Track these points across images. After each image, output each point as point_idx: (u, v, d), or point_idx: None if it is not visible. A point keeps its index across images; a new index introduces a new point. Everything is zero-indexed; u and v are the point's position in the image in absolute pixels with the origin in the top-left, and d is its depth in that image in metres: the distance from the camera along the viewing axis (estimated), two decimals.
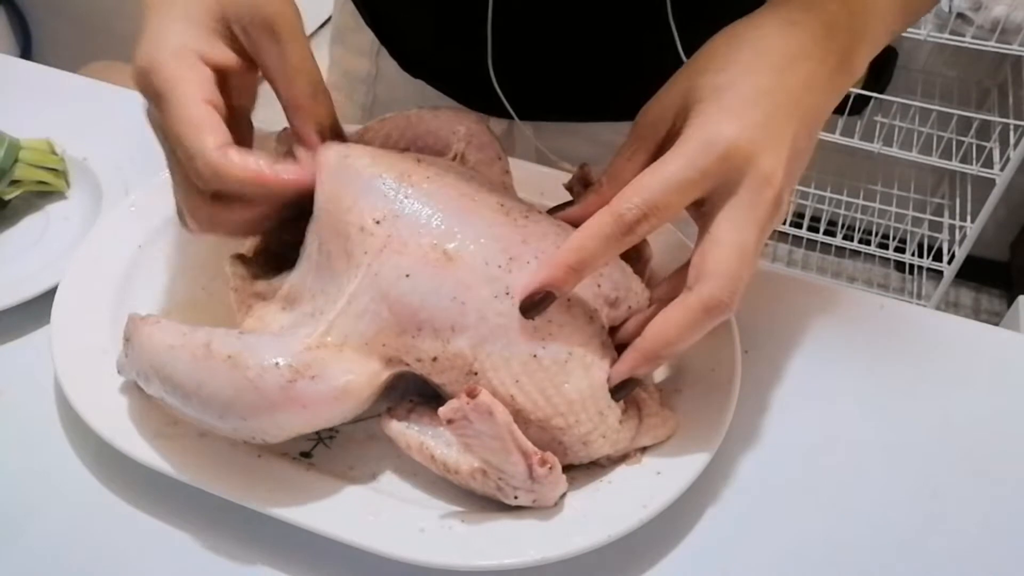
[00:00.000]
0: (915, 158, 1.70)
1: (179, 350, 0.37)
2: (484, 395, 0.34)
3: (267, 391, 0.35)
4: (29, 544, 0.39)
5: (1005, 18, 1.47)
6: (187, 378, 0.36)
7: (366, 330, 0.38)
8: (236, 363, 0.36)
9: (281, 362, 0.36)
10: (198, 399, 0.36)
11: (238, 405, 0.36)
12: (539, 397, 0.37)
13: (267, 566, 0.39)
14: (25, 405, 0.45)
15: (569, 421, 0.38)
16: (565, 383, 0.37)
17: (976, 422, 0.46)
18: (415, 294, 0.38)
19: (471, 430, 0.35)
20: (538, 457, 0.36)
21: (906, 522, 0.41)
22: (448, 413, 0.35)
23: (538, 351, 0.37)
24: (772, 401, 0.47)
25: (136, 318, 0.40)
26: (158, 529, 0.40)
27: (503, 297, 0.38)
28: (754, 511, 0.42)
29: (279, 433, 0.37)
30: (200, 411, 0.37)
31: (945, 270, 1.79)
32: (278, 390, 0.35)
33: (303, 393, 0.36)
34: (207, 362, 0.36)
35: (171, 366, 0.37)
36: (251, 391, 0.35)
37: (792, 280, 0.55)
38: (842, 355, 0.50)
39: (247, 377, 0.35)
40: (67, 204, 0.58)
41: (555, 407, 0.37)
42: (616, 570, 0.39)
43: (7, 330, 0.49)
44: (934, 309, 1.55)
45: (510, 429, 0.35)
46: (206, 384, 0.36)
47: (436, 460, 0.38)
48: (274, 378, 0.35)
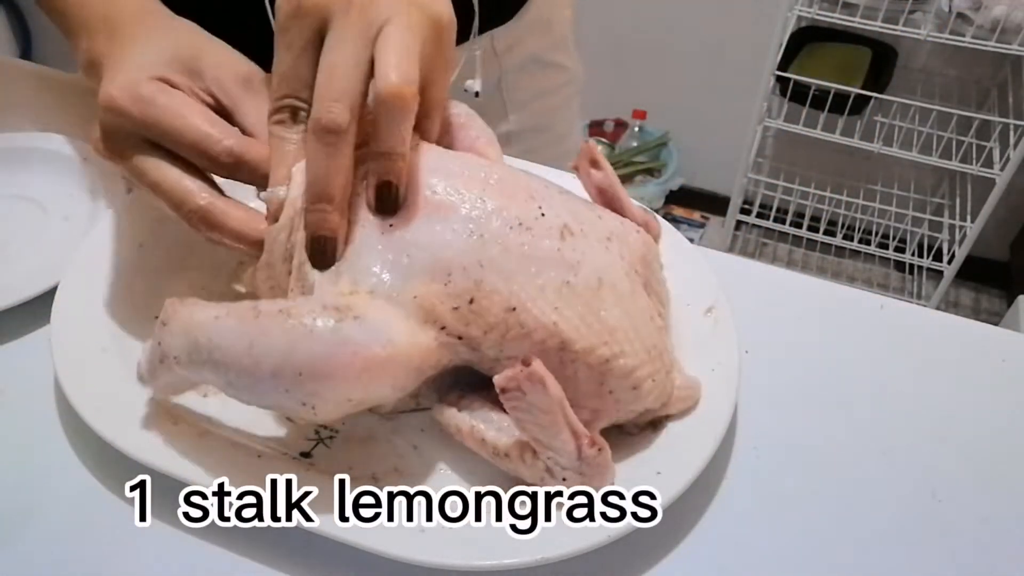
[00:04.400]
0: (915, 158, 1.70)
1: (225, 318, 0.36)
2: (537, 364, 0.34)
3: (322, 335, 0.35)
4: (29, 544, 0.39)
5: (1005, 18, 1.47)
6: (238, 340, 0.35)
7: (393, 280, 0.37)
8: (289, 313, 0.35)
9: (327, 306, 0.36)
10: (250, 359, 0.35)
11: (294, 356, 0.35)
12: (580, 324, 0.37)
13: (267, 566, 0.39)
14: (25, 405, 0.45)
15: (614, 350, 0.37)
16: (602, 310, 0.38)
17: (976, 422, 0.46)
18: (432, 236, 0.38)
19: (524, 403, 0.35)
20: (588, 439, 0.36)
21: (906, 522, 0.41)
22: (502, 381, 0.35)
23: (569, 277, 0.38)
24: (772, 401, 0.47)
25: (174, 301, 0.39)
26: (158, 529, 0.40)
27: (518, 228, 0.38)
28: (754, 511, 0.42)
29: (331, 396, 0.36)
30: (251, 375, 0.35)
31: (945, 270, 1.79)
32: (330, 334, 0.35)
33: (352, 336, 0.35)
34: (256, 320, 0.35)
35: (219, 334, 0.36)
36: (306, 338, 0.35)
37: (792, 280, 0.55)
38: (842, 355, 0.50)
39: (302, 323, 0.35)
40: (67, 204, 0.58)
41: (598, 334, 0.37)
42: (616, 570, 0.39)
43: (7, 330, 0.49)
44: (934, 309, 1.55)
45: (562, 404, 0.35)
46: (259, 340, 0.35)
47: (487, 443, 0.38)
48: (325, 322, 0.35)
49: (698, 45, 2.04)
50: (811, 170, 2.00)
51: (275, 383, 0.35)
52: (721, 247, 2.08)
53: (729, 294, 0.47)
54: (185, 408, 0.42)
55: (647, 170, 2.21)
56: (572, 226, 0.39)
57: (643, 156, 2.22)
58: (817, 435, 0.45)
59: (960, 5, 1.51)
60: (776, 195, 2.03)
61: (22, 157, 0.60)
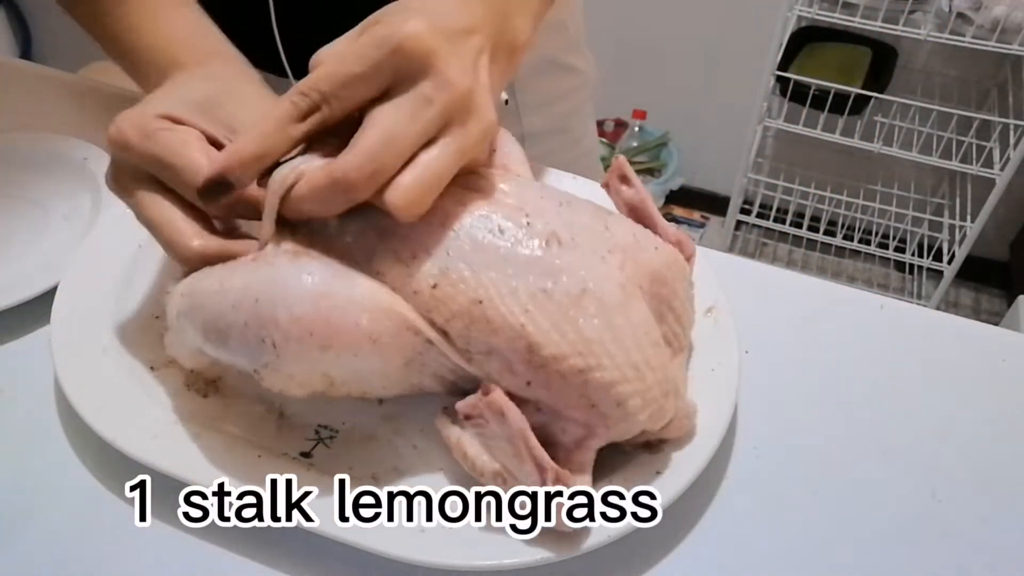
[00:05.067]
0: (915, 158, 1.70)
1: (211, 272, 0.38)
2: (497, 394, 0.34)
3: (278, 266, 0.36)
4: (29, 544, 0.39)
5: (1005, 18, 1.47)
6: (211, 283, 0.37)
7: (359, 255, 0.37)
8: (255, 258, 0.37)
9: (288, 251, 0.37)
10: (219, 299, 0.36)
11: (252, 285, 0.36)
12: (551, 329, 0.35)
13: (267, 566, 0.39)
14: (25, 405, 0.45)
15: (590, 362, 0.35)
16: (579, 319, 0.36)
17: (976, 422, 0.46)
18: (406, 226, 0.37)
19: (488, 430, 0.35)
20: (553, 473, 0.35)
21: (906, 522, 0.41)
22: (464, 408, 0.35)
23: (547, 285, 0.36)
24: (772, 401, 0.47)
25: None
26: (158, 529, 0.40)
27: (496, 233, 0.37)
28: (754, 511, 0.42)
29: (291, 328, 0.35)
30: (214, 313, 0.36)
31: (945, 270, 1.79)
32: (289, 263, 0.36)
33: (308, 265, 0.36)
34: (227, 266, 0.37)
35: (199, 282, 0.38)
36: (264, 268, 0.36)
37: (792, 280, 0.55)
38: (842, 355, 0.50)
39: (265, 261, 0.36)
40: (67, 204, 0.58)
41: (571, 344, 0.35)
42: (616, 570, 0.39)
43: (7, 330, 0.49)
44: (934, 309, 1.55)
45: (524, 435, 0.34)
46: (225, 279, 0.36)
47: (467, 458, 0.38)
48: (285, 257, 0.36)
49: (698, 45, 2.04)
50: (811, 170, 2.00)
51: (235, 314, 0.35)
52: (721, 247, 2.08)
53: (729, 294, 0.47)
54: (185, 408, 0.42)
55: (647, 170, 2.21)
56: (562, 236, 0.38)
57: (643, 156, 2.21)
58: (817, 435, 0.45)
59: (960, 5, 1.51)
60: (776, 195, 2.03)
61: (22, 157, 0.61)
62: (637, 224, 0.42)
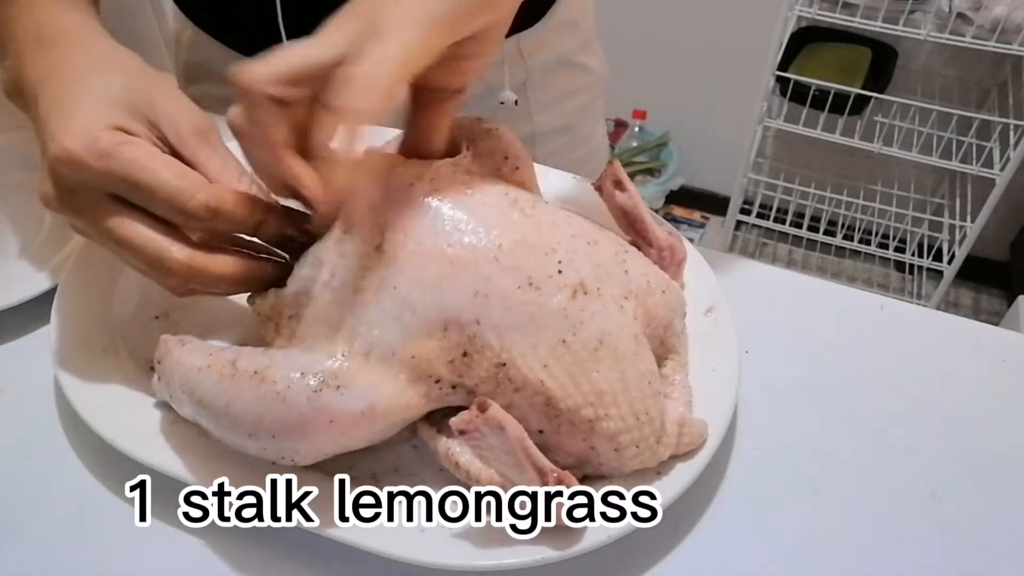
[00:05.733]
0: (915, 158, 1.70)
1: (207, 371, 0.37)
2: (495, 409, 0.34)
3: (295, 403, 0.35)
4: (28, 544, 0.39)
5: (1005, 18, 1.47)
6: (216, 398, 0.36)
7: (392, 339, 0.37)
8: (263, 378, 0.36)
9: (307, 373, 0.36)
10: (228, 418, 0.36)
11: (267, 421, 0.35)
12: (568, 382, 0.37)
13: (267, 566, 0.39)
14: (25, 405, 0.45)
15: (599, 413, 0.37)
16: (595, 371, 0.37)
17: (976, 422, 0.46)
18: (436, 295, 0.37)
19: (484, 443, 0.35)
20: (555, 476, 0.35)
21: (906, 522, 0.41)
22: (459, 424, 0.35)
23: (567, 336, 0.37)
24: (772, 401, 0.47)
25: (168, 340, 0.40)
26: (158, 529, 0.40)
27: (526, 287, 0.37)
28: (754, 511, 0.42)
29: (309, 452, 0.37)
30: (231, 431, 0.37)
31: (945, 270, 1.79)
32: (305, 401, 0.35)
33: (330, 405, 0.35)
34: (234, 380, 0.36)
35: (201, 387, 0.37)
36: (278, 404, 0.35)
37: (792, 280, 0.55)
38: (842, 355, 0.50)
39: (275, 391, 0.35)
40: None
41: (584, 396, 0.37)
42: (616, 570, 0.39)
43: (7, 330, 0.49)
44: (934, 309, 1.55)
45: (523, 445, 0.35)
46: (234, 402, 0.36)
47: (460, 467, 0.38)
48: (300, 389, 0.35)
49: (698, 45, 2.04)
50: (811, 170, 2.00)
51: (251, 441, 0.36)
52: (721, 247, 2.08)
53: (729, 294, 0.47)
54: None
55: (647, 170, 2.21)
56: (589, 285, 0.38)
57: (643, 156, 2.22)
58: (817, 435, 0.45)
59: (960, 5, 1.51)
60: (776, 195, 2.03)
61: (22, 156, 0.60)
62: (648, 262, 0.43)
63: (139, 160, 0.37)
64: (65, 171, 0.37)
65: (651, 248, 0.44)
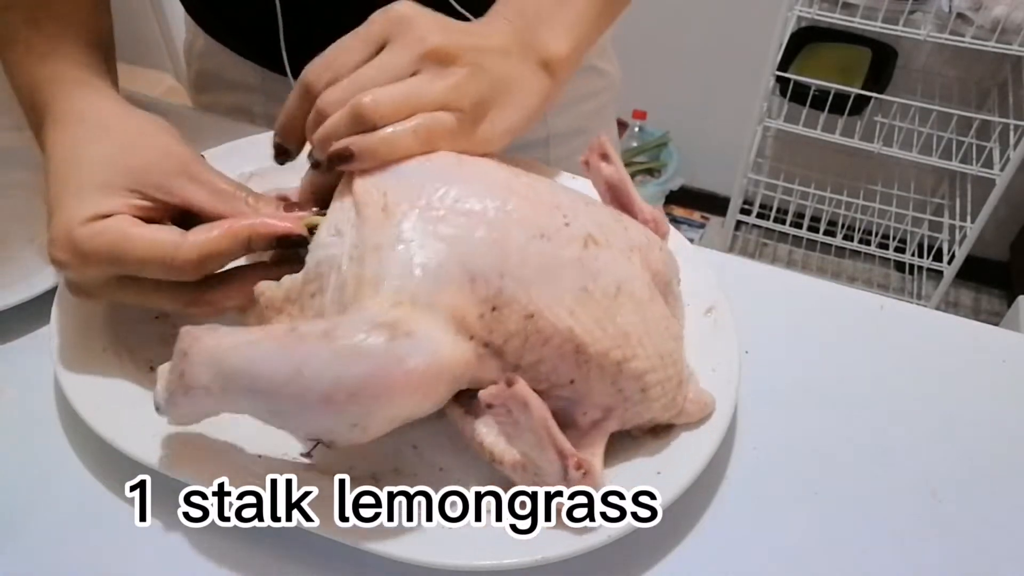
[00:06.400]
0: (915, 158, 1.70)
1: (263, 342, 0.35)
2: (521, 386, 0.34)
3: (375, 354, 0.34)
4: (28, 544, 0.39)
5: (1005, 18, 1.47)
6: (281, 366, 0.34)
7: (429, 287, 0.37)
8: (333, 336, 0.34)
9: (373, 325, 0.34)
10: (297, 386, 0.34)
11: (346, 380, 0.33)
12: (595, 327, 0.37)
13: (267, 566, 0.39)
14: (25, 405, 0.45)
15: (626, 354, 0.38)
16: (618, 316, 0.38)
17: (976, 422, 0.46)
18: (456, 247, 0.37)
19: (510, 419, 0.35)
20: (575, 460, 0.36)
21: (906, 522, 0.41)
22: (487, 397, 0.35)
23: (588, 284, 0.38)
24: (772, 401, 0.47)
25: (192, 330, 0.36)
26: (158, 529, 0.40)
27: (538, 238, 0.38)
28: (754, 511, 0.42)
29: (386, 412, 0.35)
30: (298, 402, 0.34)
31: (945, 270, 1.79)
32: (384, 352, 0.34)
33: (405, 353, 0.34)
34: (300, 344, 0.34)
35: (258, 362, 0.34)
36: (358, 358, 0.33)
37: (792, 280, 0.55)
38: (842, 355, 0.50)
39: (352, 344, 0.33)
40: None
41: (612, 339, 0.37)
42: (616, 570, 0.39)
43: (7, 330, 0.49)
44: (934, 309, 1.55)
45: (546, 425, 0.35)
46: (306, 365, 0.33)
47: (484, 447, 0.38)
48: (376, 340, 0.34)
49: (698, 45, 2.04)
50: (811, 170, 2.00)
51: (325, 407, 0.34)
52: (721, 247, 2.08)
53: (729, 294, 0.47)
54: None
55: (647, 170, 2.21)
56: (597, 236, 0.39)
57: (643, 156, 2.22)
58: (817, 435, 0.45)
59: (960, 5, 1.51)
60: (776, 195, 2.03)
61: (22, 156, 0.60)
62: (642, 224, 0.44)
63: (116, 245, 0.39)
64: (64, 272, 0.42)
65: (636, 220, 0.45)
